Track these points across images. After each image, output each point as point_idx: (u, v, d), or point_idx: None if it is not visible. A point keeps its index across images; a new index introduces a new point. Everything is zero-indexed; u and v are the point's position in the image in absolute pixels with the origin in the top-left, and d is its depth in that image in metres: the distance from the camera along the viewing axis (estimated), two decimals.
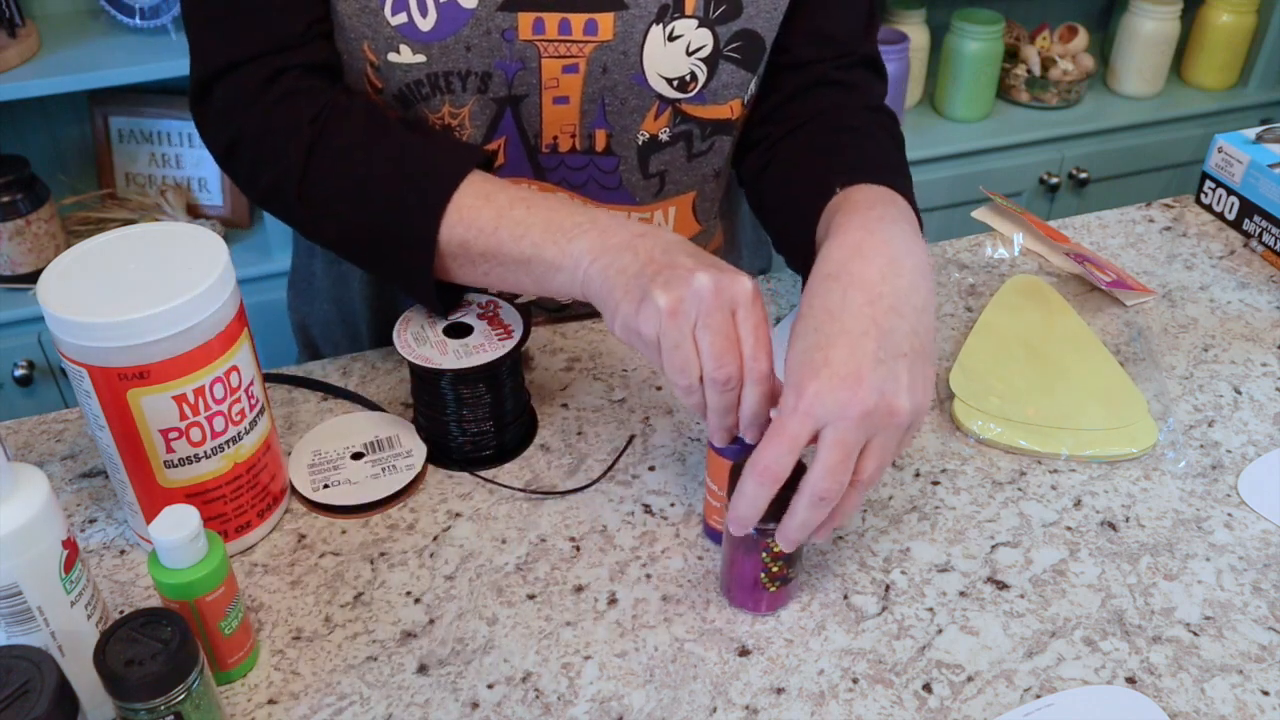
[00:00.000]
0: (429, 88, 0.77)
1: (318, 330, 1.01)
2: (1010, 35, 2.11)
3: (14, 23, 1.61)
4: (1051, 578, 0.69)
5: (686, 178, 0.86)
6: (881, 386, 0.59)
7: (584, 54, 0.77)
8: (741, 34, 0.79)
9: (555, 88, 0.78)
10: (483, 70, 0.77)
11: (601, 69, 0.78)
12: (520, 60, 0.77)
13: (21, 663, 0.49)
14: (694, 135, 0.83)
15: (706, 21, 0.77)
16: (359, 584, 0.69)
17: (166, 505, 0.59)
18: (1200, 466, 0.77)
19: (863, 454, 0.60)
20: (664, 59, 0.78)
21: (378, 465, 0.75)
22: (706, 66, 0.79)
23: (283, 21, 0.74)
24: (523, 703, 0.62)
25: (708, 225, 0.92)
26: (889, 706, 0.61)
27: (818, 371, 0.59)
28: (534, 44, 0.76)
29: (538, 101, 0.79)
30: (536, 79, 0.78)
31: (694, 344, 0.62)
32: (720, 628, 0.66)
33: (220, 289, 0.63)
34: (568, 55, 0.77)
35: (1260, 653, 0.64)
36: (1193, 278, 0.97)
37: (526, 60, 0.77)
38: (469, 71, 0.77)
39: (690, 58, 0.78)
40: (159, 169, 1.82)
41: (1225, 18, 2.12)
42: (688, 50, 0.78)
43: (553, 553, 0.71)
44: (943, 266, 0.98)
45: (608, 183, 0.84)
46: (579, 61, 0.78)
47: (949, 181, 1.99)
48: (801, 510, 0.60)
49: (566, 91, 0.79)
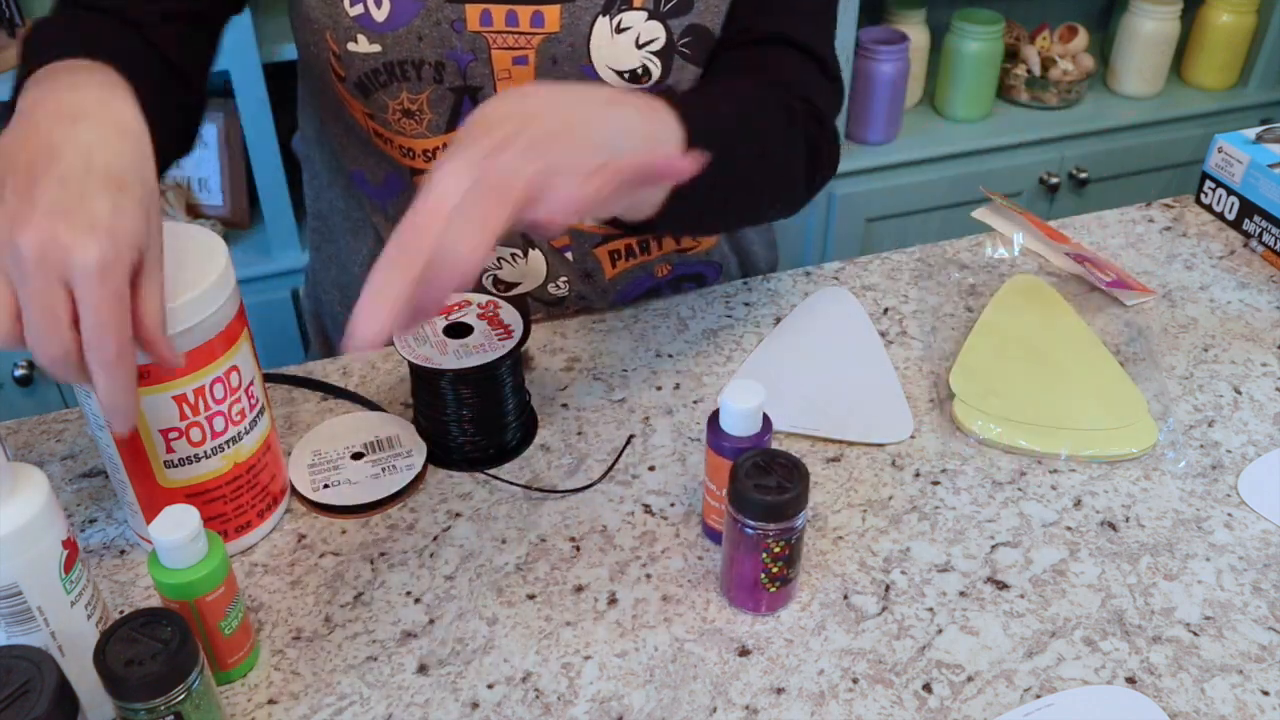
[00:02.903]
0: (386, 76, 0.79)
1: (329, 320, 1.02)
2: (1010, 35, 2.11)
3: (14, 23, 1.61)
4: (1051, 578, 0.69)
5: None
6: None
7: (532, 45, 0.78)
8: (691, 29, 0.79)
9: (508, 79, 0.79)
10: (435, 60, 0.78)
11: (551, 61, 0.79)
12: (471, 51, 0.78)
13: (21, 663, 0.49)
14: None
15: (657, 14, 0.77)
16: (359, 584, 0.69)
17: (166, 505, 0.59)
18: (1200, 466, 0.77)
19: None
20: (612, 51, 0.78)
21: (378, 465, 0.75)
22: (661, 61, 0.79)
23: None
24: (523, 703, 0.62)
25: None
26: (889, 706, 0.61)
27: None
28: (483, 35, 0.77)
29: (493, 92, 0.80)
30: (489, 70, 0.79)
31: (8, 295, 0.52)
32: (720, 628, 0.66)
33: (220, 289, 0.63)
34: (516, 47, 0.78)
35: (1260, 653, 0.64)
36: (1193, 278, 0.97)
37: (477, 51, 0.78)
38: (423, 61, 0.78)
39: (641, 50, 0.78)
40: None
41: (1225, 18, 2.12)
42: (637, 43, 0.78)
43: (553, 553, 0.71)
44: (943, 266, 0.98)
45: None
46: (528, 53, 0.78)
47: (949, 181, 1.99)
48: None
49: (519, 83, 0.79)
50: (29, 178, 0.52)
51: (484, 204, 0.53)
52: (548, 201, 0.55)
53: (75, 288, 0.51)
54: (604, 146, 0.57)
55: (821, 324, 0.90)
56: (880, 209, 1.98)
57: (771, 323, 0.91)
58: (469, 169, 0.54)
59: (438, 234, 0.53)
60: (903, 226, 2.02)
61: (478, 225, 0.53)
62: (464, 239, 0.53)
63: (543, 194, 0.55)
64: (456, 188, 0.53)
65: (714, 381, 0.85)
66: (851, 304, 0.93)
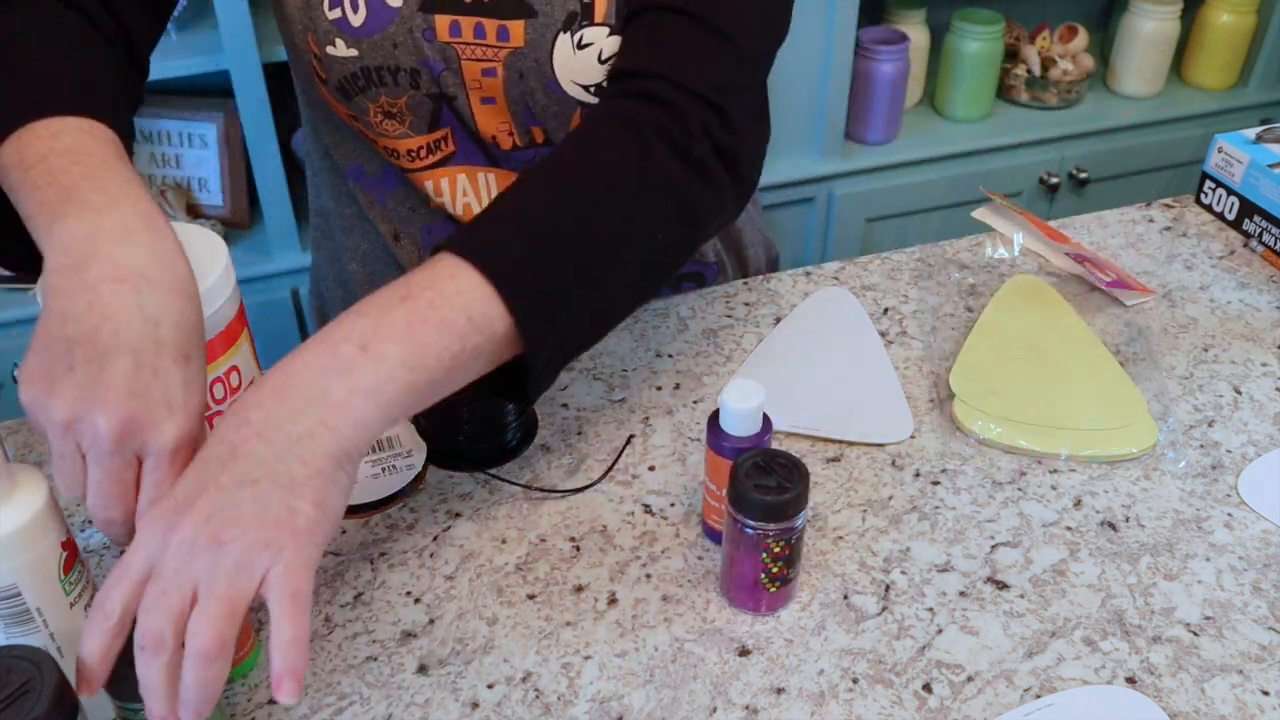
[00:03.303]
0: (364, 80, 0.79)
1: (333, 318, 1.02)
2: (1010, 35, 2.11)
3: None
4: (1051, 578, 0.69)
5: None
6: (210, 514, 0.51)
7: (499, 59, 0.78)
8: None
9: (479, 89, 0.79)
10: (410, 67, 0.78)
11: (518, 74, 0.78)
12: (443, 61, 0.78)
13: (21, 663, 0.49)
14: None
15: (619, 30, 0.76)
16: (359, 584, 0.69)
17: None
18: (1200, 466, 0.77)
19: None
20: (575, 66, 0.77)
21: (378, 465, 0.75)
22: None
23: None
24: (523, 703, 0.62)
25: None
26: (889, 706, 0.61)
27: (163, 500, 0.53)
28: (452, 46, 0.77)
29: (467, 101, 0.80)
30: (460, 80, 0.79)
31: (80, 461, 0.54)
32: (720, 628, 0.66)
33: (220, 289, 0.63)
34: (484, 59, 0.78)
35: (1260, 653, 0.64)
36: (1193, 278, 0.97)
37: (448, 61, 0.78)
38: (398, 67, 0.78)
39: (604, 65, 0.77)
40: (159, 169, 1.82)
41: (1225, 18, 2.12)
42: (599, 58, 0.77)
43: (553, 553, 0.71)
44: (943, 266, 0.98)
45: None
46: (496, 65, 0.78)
47: (949, 181, 1.99)
48: (143, 672, 0.50)
49: (491, 93, 0.79)
50: (97, 350, 0.53)
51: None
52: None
53: (147, 461, 0.53)
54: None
55: (821, 324, 0.90)
56: (880, 209, 1.98)
57: (771, 323, 0.91)
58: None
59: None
60: (903, 226, 2.02)
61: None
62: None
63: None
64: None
65: (714, 381, 0.85)
66: (851, 304, 0.93)
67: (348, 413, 0.54)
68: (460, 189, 0.86)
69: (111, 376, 0.52)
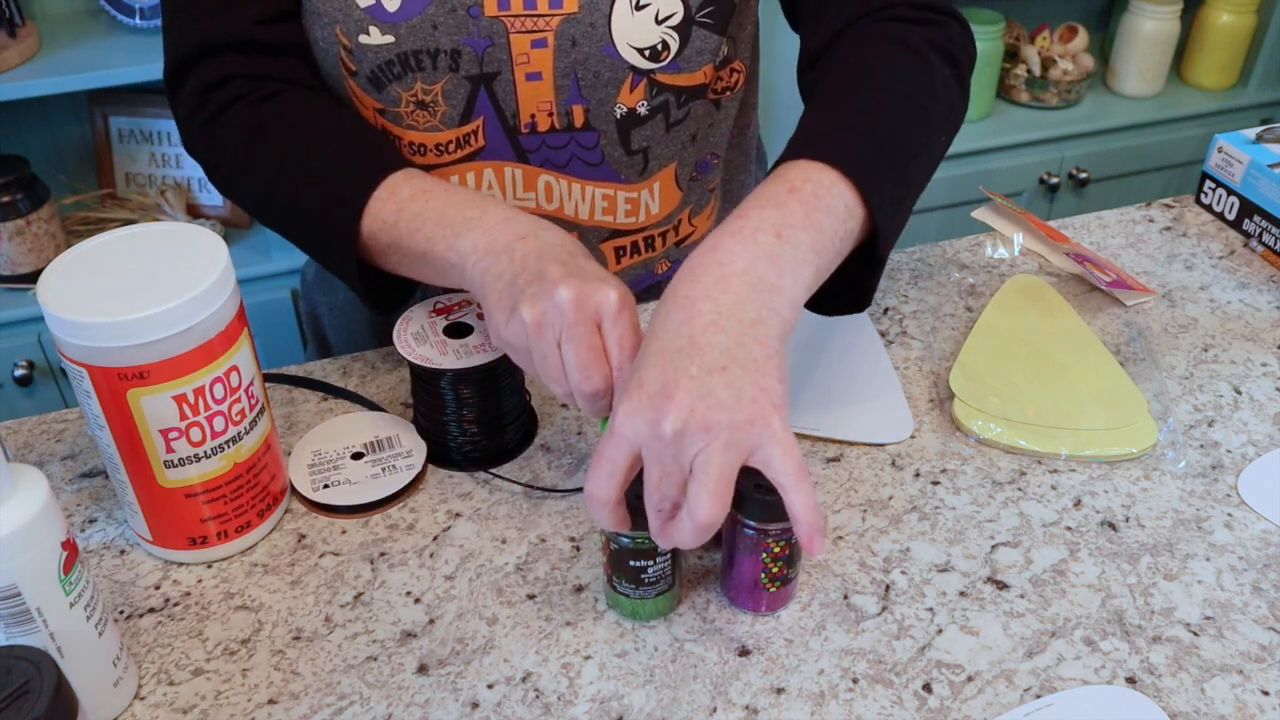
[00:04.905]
0: (400, 67, 0.78)
1: (327, 320, 1.02)
2: (1010, 35, 2.11)
3: (14, 23, 1.61)
4: (1051, 578, 0.69)
5: (667, 149, 0.87)
6: (692, 403, 0.56)
7: (551, 27, 0.78)
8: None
9: (527, 63, 0.79)
10: (451, 48, 0.78)
11: (571, 42, 0.78)
12: (488, 37, 0.77)
13: (21, 663, 0.49)
14: (670, 104, 0.83)
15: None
16: (359, 584, 0.69)
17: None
18: (1200, 466, 0.77)
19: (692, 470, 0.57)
20: (633, 28, 0.78)
21: (378, 465, 0.75)
22: (679, 35, 0.79)
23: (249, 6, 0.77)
24: (523, 703, 0.62)
25: (689, 191, 0.92)
26: (889, 706, 0.61)
27: (631, 393, 0.57)
28: (500, 20, 0.77)
29: (511, 79, 0.79)
30: (507, 55, 0.78)
31: (560, 356, 0.62)
32: (720, 628, 0.66)
33: (220, 289, 0.63)
34: (535, 30, 0.77)
35: (1260, 653, 0.64)
36: (1193, 278, 0.97)
37: (495, 36, 0.77)
38: (438, 50, 0.78)
39: (660, 26, 0.78)
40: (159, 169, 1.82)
41: (1225, 18, 2.12)
42: (657, 18, 0.78)
43: (553, 553, 0.71)
44: (943, 266, 0.98)
45: (590, 159, 0.84)
46: (547, 35, 0.78)
47: (949, 181, 1.99)
48: (653, 522, 0.59)
49: (538, 67, 0.79)
50: (532, 271, 0.64)
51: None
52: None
53: (605, 324, 0.62)
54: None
55: (821, 324, 0.90)
56: None
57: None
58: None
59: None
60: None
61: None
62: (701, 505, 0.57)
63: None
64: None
65: None
66: None
67: (784, 295, 0.61)
68: (486, 184, 0.86)
69: (551, 273, 0.63)
